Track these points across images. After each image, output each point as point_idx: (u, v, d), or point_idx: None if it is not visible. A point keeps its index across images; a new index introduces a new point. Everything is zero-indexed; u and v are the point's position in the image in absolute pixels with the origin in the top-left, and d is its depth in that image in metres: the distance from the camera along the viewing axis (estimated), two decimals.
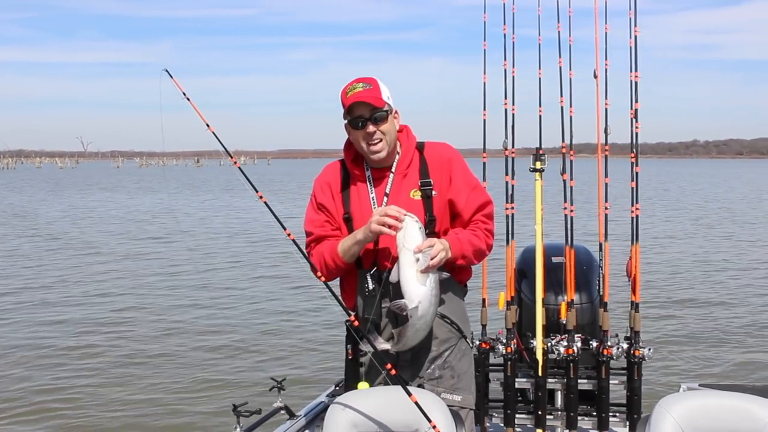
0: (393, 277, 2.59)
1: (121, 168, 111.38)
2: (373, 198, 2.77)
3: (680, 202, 33.98)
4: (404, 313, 2.56)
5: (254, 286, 12.93)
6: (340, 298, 2.73)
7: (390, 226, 2.53)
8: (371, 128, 2.68)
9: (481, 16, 4.10)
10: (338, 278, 2.88)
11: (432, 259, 2.52)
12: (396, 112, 2.78)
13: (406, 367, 2.71)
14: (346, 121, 2.75)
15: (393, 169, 2.79)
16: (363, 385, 2.71)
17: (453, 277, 2.76)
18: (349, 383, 2.91)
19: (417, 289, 2.54)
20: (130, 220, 25.75)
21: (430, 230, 2.70)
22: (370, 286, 2.70)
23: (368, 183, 2.80)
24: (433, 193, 2.75)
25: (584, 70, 3.89)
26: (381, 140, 2.69)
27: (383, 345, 2.66)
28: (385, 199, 2.75)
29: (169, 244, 19.14)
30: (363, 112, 2.68)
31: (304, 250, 2.81)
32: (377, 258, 2.73)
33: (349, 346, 2.88)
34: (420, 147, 2.83)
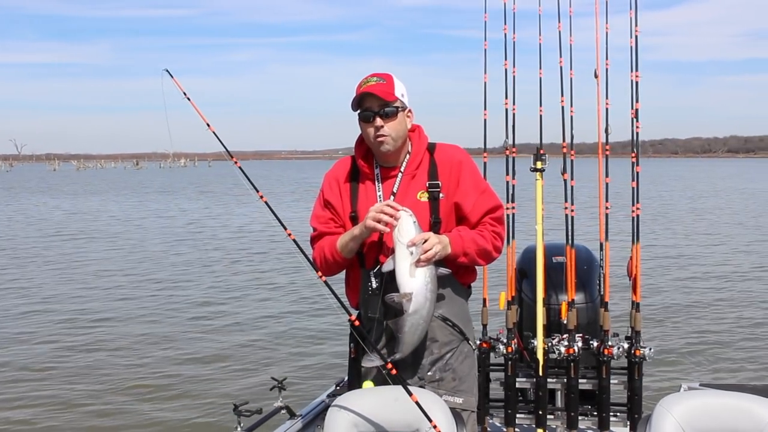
0: (385, 268, 2.59)
1: (58, 170, 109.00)
2: (380, 196, 2.76)
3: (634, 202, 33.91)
4: (399, 307, 2.55)
5: (255, 285, 12.92)
6: (342, 296, 2.73)
7: (386, 223, 2.53)
8: (379, 122, 2.66)
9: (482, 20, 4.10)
10: (343, 276, 2.88)
11: (426, 252, 2.51)
12: (409, 111, 2.76)
13: (407, 369, 2.69)
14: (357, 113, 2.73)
15: (402, 169, 2.77)
16: (368, 384, 2.70)
17: (456, 278, 2.75)
18: (352, 382, 2.91)
19: (410, 282, 2.53)
20: (130, 223, 25.77)
21: (435, 232, 2.68)
22: (374, 284, 2.69)
23: (376, 181, 2.79)
24: (441, 195, 2.73)
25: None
26: (387, 135, 2.68)
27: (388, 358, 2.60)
28: (392, 198, 2.73)
29: (171, 245, 19.14)
30: (372, 104, 2.66)
31: (309, 245, 2.82)
32: (380, 257, 2.72)
33: (352, 344, 2.88)
34: (431, 148, 2.80)
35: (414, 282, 2.53)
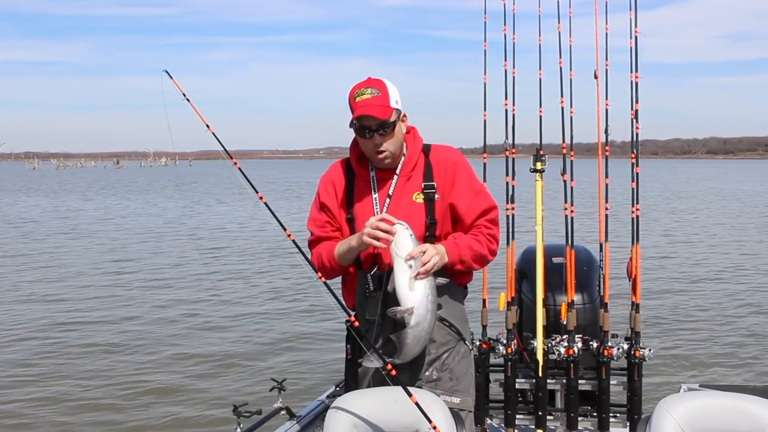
0: (390, 287, 2.60)
1: (37, 169, 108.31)
2: (375, 199, 2.76)
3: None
4: (401, 320, 2.55)
5: (254, 285, 12.92)
6: (340, 297, 2.73)
7: (381, 239, 2.52)
8: (378, 140, 2.66)
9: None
10: (340, 277, 2.88)
11: (424, 264, 2.51)
12: (404, 115, 2.75)
13: (404, 370, 2.69)
14: (351, 127, 2.72)
15: (397, 171, 2.77)
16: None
17: (453, 280, 2.75)
18: (349, 383, 2.91)
19: (410, 295, 2.53)
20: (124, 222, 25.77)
21: (431, 233, 2.69)
22: (371, 287, 2.70)
23: (372, 184, 2.79)
24: (436, 196, 2.73)
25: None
26: (387, 151, 2.68)
27: (387, 359, 2.60)
28: (388, 201, 2.74)
29: (171, 245, 19.14)
30: (370, 123, 2.65)
31: (308, 248, 2.82)
32: (377, 259, 2.72)
33: (348, 345, 2.88)
34: (426, 150, 2.81)
35: (414, 295, 2.53)
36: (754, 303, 11.34)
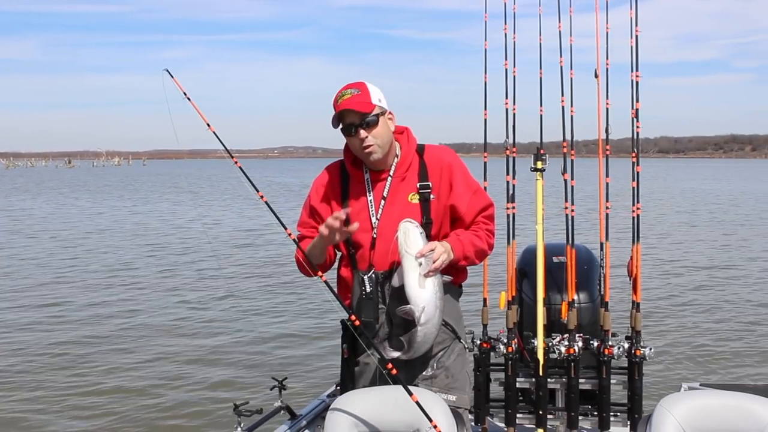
0: (395, 282, 2.61)
1: None
2: (370, 201, 2.78)
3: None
4: (411, 319, 2.57)
5: (255, 285, 12.92)
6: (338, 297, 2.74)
7: (329, 227, 2.57)
8: (363, 134, 2.68)
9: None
10: (335, 278, 2.90)
11: (434, 262, 2.54)
12: (390, 113, 2.78)
13: (401, 368, 2.70)
14: (341, 131, 2.76)
15: (391, 173, 2.79)
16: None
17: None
18: (345, 383, 2.91)
19: (421, 293, 2.55)
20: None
21: (426, 233, 2.70)
22: (368, 288, 2.71)
23: (366, 185, 2.81)
24: (432, 196, 2.75)
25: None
26: (373, 144, 2.70)
27: (392, 353, 2.65)
28: (383, 202, 2.76)
29: (170, 245, 19.15)
30: (353, 119, 2.68)
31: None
32: (373, 260, 2.73)
33: (344, 345, 2.89)
34: (420, 150, 2.83)
35: (425, 293, 2.56)
36: (755, 303, 11.33)
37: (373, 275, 2.71)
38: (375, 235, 2.74)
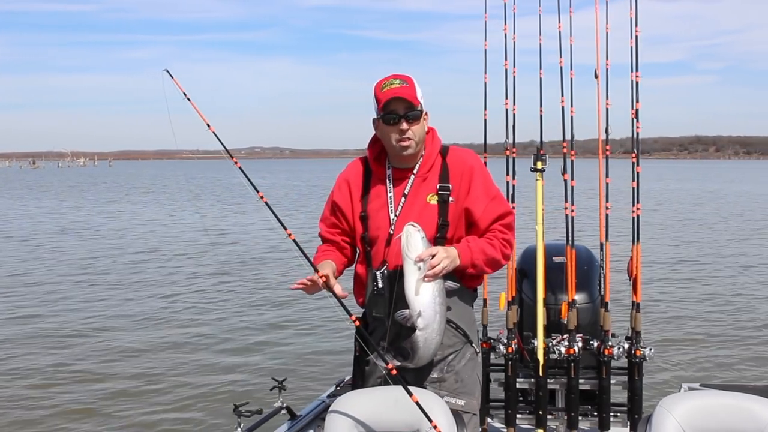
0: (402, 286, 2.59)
1: None
2: (390, 198, 2.76)
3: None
4: (408, 324, 2.55)
5: (255, 285, 12.92)
6: (351, 294, 2.74)
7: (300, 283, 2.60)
8: (404, 125, 2.66)
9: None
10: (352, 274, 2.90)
11: (434, 267, 2.50)
12: (426, 113, 2.75)
13: (410, 370, 2.68)
14: (377, 117, 2.73)
15: (414, 171, 2.77)
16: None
17: (462, 283, 2.74)
18: (356, 381, 2.91)
19: (418, 298, 2.52)
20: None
21: (442, 235, 2.69)
22: (380, 284, 2.68)
23: (388, 182, 2.79)
24: (451, 199, 2.72)
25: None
26: (412, 139, 2.68)
27: (397, 362, 2.61)
28: (403, 200, 2.74)
29: (171, 246, 19.15)
30: (398, 108, 2.65)
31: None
32: (387, 256, 2.72)
33: (357, 344, 2.88)
34: (443, 151, 2.80)
35: (422, 298, 2.53)
36: (756, 303, 11.33)
37: (386, 272, 2.67)
38: (392, 232, 2.72)
